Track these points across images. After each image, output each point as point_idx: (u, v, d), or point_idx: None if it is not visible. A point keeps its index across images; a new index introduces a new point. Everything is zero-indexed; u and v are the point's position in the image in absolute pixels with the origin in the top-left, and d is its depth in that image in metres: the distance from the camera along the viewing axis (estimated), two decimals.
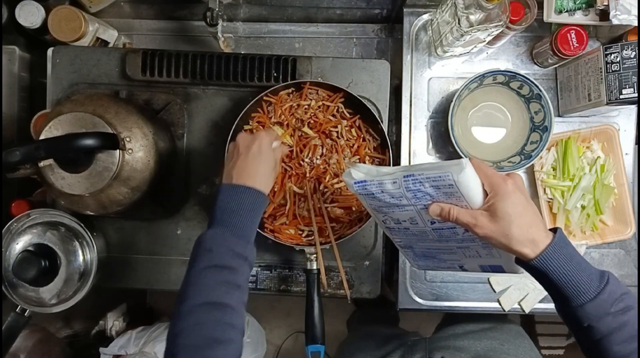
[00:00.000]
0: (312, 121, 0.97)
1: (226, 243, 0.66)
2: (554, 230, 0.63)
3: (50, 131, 0.82)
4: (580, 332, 0.62)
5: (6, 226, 0.93)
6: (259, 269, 1.03)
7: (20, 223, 0.94)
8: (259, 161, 0.75)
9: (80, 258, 0.94)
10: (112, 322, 1.47)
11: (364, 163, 0.97)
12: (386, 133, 0.95)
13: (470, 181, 0.62)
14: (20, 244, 0.92)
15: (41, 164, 0.83)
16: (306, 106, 0.97)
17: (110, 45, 1.14)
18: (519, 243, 0.60)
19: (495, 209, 0.61)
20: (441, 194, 0.65)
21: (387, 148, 0.94)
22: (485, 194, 0.63)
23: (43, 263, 0.90)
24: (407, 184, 0.67)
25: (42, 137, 0.82)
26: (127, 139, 0.85)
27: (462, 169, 0.61)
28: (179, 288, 0.64)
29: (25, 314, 0.93)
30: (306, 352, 0.88)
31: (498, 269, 0.73)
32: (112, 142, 0.83)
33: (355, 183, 0.72)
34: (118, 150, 0.84)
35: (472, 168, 0.63)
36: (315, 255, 0.93)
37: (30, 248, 0.91)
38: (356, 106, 0.97)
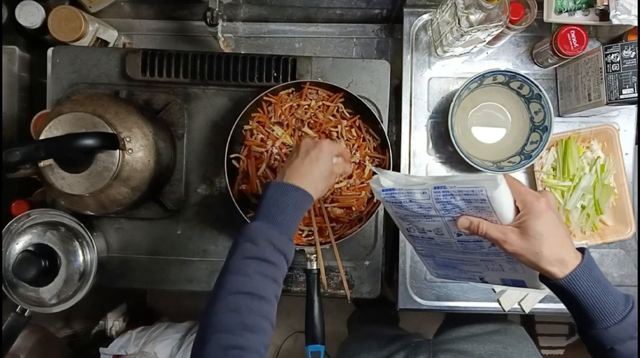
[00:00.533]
0: (312, 121, 0.97)
1: (269, 238, 0.68)
2: (581, 250, 0.63)
3: (50, 131, 0.82)
4: (600, 353, 0.62)
5: (6, 226, 0.93)
6: None
7: (20, 223, 0.94)
8: (313, 166, 0.76)
9: (80, 258, 0.94)
10: (112, 322, 1.47)
11: (364, 163, 0.97)
12: (386, 133, 0.95)
13: (503, 197, 0.62)
14: (20, 244, 0.92)
15: (41, 164, 0.83)
16: (306, 106, 0.97)
17: (110, 45, 1.14)
18: (548, 262, 0.61)
19: (527, 227, 0.61)
20: (472, 208, 0.65)
21: (387, 148, 0.94)
22: (517, 210, 0.63)
23: (43, 263, 0.90)
24: (437, 196, 0.66)
25: (42, 137, 0.82)
26: (127, 139, 0.85)
27: (497, 185, 0.61)
28: (220, 273, 0.66)
29: (25, 314, 0.93)
30: (306, 352, 0.88)
31: (520, 284, 0.72)
32: (112, 142, 0.83)
33: (383, 190, 0.72)
34: (118, 150, 0.84)
35: (506, 185, 0.62)
36: (315, 255, 0.93)
37: (30, 248, 0.91)
38: (356, 106, 0.97)
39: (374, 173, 0.76)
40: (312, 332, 0.89)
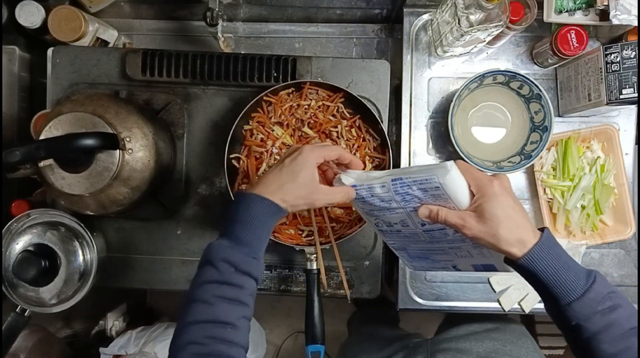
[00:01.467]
0: (312, 121, 0.97)
1: (230, 260, 0.63)
2: (542, 230, 0.64)
3: (50, 131, 0.82)
4: (569, 331, 0.62)
5: (6, 226, 0.93)
6: None
7: (20, 223, 0.94)
8: (284, 173, 0.69)
9: (80, 258, 0.94)
10: (112, 322, 1.47)
11: (364, 163, 0.97)
12: (386, 133, 0.95)
13: (456, 183, 0.64)
14: (20, 244, 0.92)
15: (41, 164, 0.83)
16: (306, 106, 0.97)
17: (110, 45, 1.14)
18: (507, 243, 0.62)
19: (483, 211, 0.62)
20: (429, 196, 0.66)
21: (387, 148, 0.94)
22: (473, 195, 0.64)
23: (43, 263, 0.90)
24: (396, 188, 0.68)
25: (42, 137, 0.82)
26: (127, 139, 0.85)
27: (447, 172, 0.63)
28: (182, 301, 0.63)
29: (25, 314, 0.93)
30: (306, 352, 0.88)
31: (491, 268, 0.73)
32: (112, 142, 0.83)
33: (347, 185, 0.73)
34: (118, 150, 0.84)
35: (458, 171, 0.64)
36: (315, 255, 0.93)
37: (30, 248, 0.91)
38: (356, 106, 0.97)
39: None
40: (312, 332, 0.89)
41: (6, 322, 0.92)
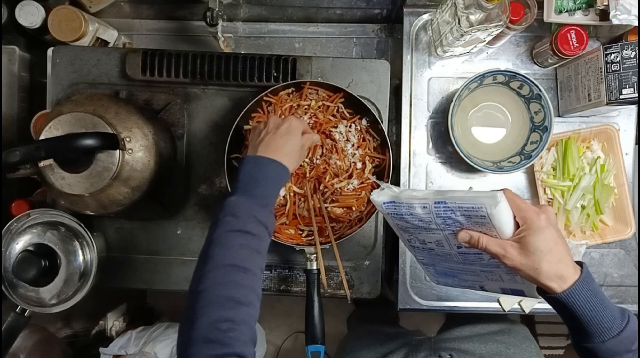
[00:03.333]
0: (312, 121, 0.97)
1: (250, 211, 0.68)
2: (580, 264, 0.64)
3: (50, 131, 0.82)
4: None
5: (6, 226, 0.93)
6: None
7: (20, 223, 0.94)
8: (285, 139, 0.77)
9: (80, 258, 0.94)
10: (112, 322, 1.48)
11: (364, 163, 0.97)
12: (386, 133, 0.95)
13: (503, 214, 0.63)
14: (20, 244, 0.92)
15: (41, 164, 0.83)
16: (306, 106, 0.97)
17: (110, 45, 1.14)
18: (547, 277, 0.61)
19: (527, 244, 0.62)
20: (472, 223, 0.65)
21: (387, 148, 0.94)
22: (517, 225, 0.64)
23: (43, 263, 0.90)
24: (438, 211, 0.67)
25: (42, 137, 0.82)
26: (127, 139, 0.85)
27: (497, 203, 0.62)
28: (202, 249, 0.66)
29: (25, 314, 0.93)
30: (306, 352, 0.88)
31: (519, 293, 0.73)
32: (112, 142, 0.83)
33: (384, 203, 0.72)
34: (118, 150, 0.84)
35: (506, 202, 0.63)
36: (315, 255, 0.93)
37: (30, 248, 0.91)
38: (356, 106, 0.97)
39: (376, 186, 0.76)
40: (312, 332, 0.89)
41: (6, 322, 0.92)
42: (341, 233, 0.95)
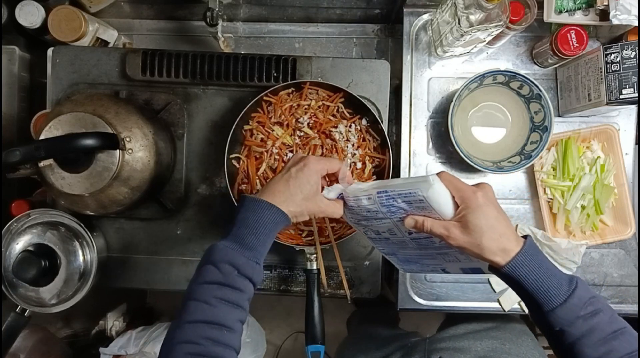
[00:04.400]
0: (312, 121, 0.97)
1: (234, 262, 0.64)
2: (525, 238, 0.65)
3: (50, 131, 0.82)
4: (553, 337, 0.63)
5: (6, 226, 0.93)
6: None
7: (20, 223, 0.94)
8: (291, 183, 0.70)
9: (80, 258, 0.94)
10: (112, 322, 1.47)
11: (364, 163, 0.97)
12: (386, 133, 0.95)
13: (439, 196, 0.65)
14: (20, 244, 0.92)
15: (41, 164, 0.83)
16: (306, 106, 0.97)
17: (110, 45, 1.14)
18: (491, 252, 0.63)
19: (467, 222, 0.64)
20: (414, 208, 0.68)
21: (387, 148, 0.94)
22: (457, 206, 0.66)
23: (43, 263, 0.90)
24: (381, 200, 0.69)
25: (42, 137, 0.82)
26: (127, 139, 0.85)
27: (429, 186, 0.64)
28: (182, 299, 0.63)
29: (25, 314, 0.93)
30: (306, 352, 0.88)
31: (478, 271, 0.75)
32: (112, 142, 0.83)
33: (335, 197, 0.75)
34: (118, 150, 0.84)
35: (441, 184, 0.65)
36: (315, 255, 0.93)
37: (30, 248, 0.91)
38: (356, 106, 0.97)
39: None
40: (312, 332, 0.89)
41: (6, 322, 0.92)
42: (341, 233, 0.95)
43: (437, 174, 0.66)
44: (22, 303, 0.92)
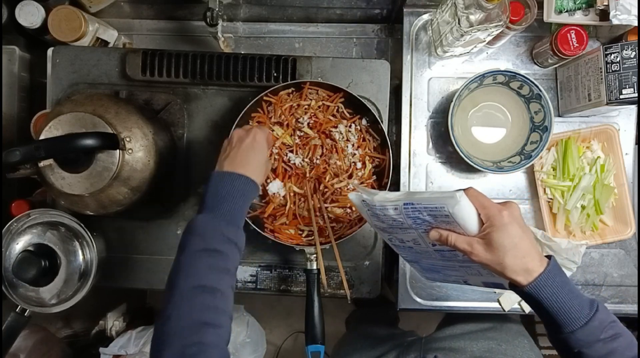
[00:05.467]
0: (312, 121, 0.97)
1: (217, 228, 0.67)
2: (549, 257, 0.65)
3: (50, 131, 0.82)
4: (570, 357, 0.63)
5: (6, 226, 0.93)
6: (259, 269, 1.03)
7: (20, 223, 0.93)
8: (251, 152, 0.76)
9: (80, 258, 0.94)
10: (112, 321, 1.47)
11: (364, 163, 0.97)
12: (386, 133, 0.95)
13: (464, 212, 0.65)
14: (20, 244, 0.92)
15: (41, 164, 0.83)
16: (306, 106, 0.97)
17: (110, 45, 1.14)
18: (513, 271, 0.63)
19: (491, 240, 0.63)
20: (439, 221, 0.68)
21: (387, 148, 0.94)
22: (482, 222, 0.65)
23: (43, 263, 0.90)
24: (407, 212, 0.69)
25: (42, 137, 0.82)
26: (127, 139, 0.85)
27: (456, 203, 0.64)
28: (170, 273, 0.65)
29: (25, 314, 0.93)
30: (306, 352, 0.88)
31: (499, 286, 0.74)
32: (112, 142, 0.83)
33: (363, 203, 0.75)
34: (118, 150, 0.84)
35: (467, 201, 0.65)
36: (315, 255, 0.93)
37: (30, 248, 0.91)
38: (356, 106, 0.97)
39: (376, 186, 0.77)
40: (312, 332, 0.89)
41: (6, 321, 0.92)
42: (341, 233, 0.95)
43: (464, 190, 0.66)
44: (22, 303, 0.92)
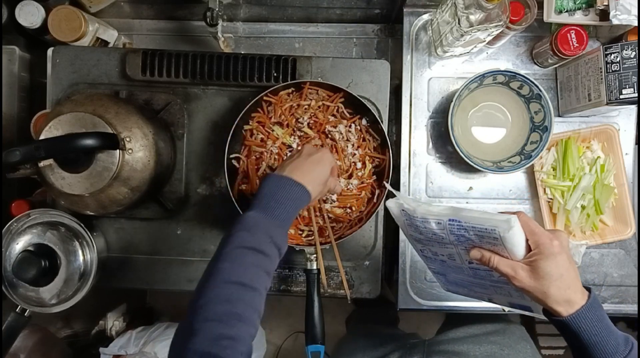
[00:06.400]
0: (312, 121, 0.97)
1: (267, 230, 0.67)
2: (588, 289, 0.65)
3: (50, 131, 0.82)
4: None
5: (6, 226, 0.93)
6: None
7: (20, 223, 0.93)
8: (315, 166, 0.77)
9: (80, 258, 0.94)
10: (112, 322, 1.47)
11: (364, 163, 0.97)
12: (386, 133, 0.95)
13: (516, 238, 0.63)
14: (20, 244, 0.92)
15: (41, 164, 0.82)
16: (306, 106, 0.97)
17: (110, 45, 1.14)
18: (555, 301, 0.62)
19: (538, 268, 0.63)
20: (484, 242, 0.66)
21: (387, 148, 0.94)
22: (528, 248, 0.65)
23: (43, 263, 0.90)
24: (452, 228, 0.68)
25: (42, 137, 0.82)
26: (127, 139, 0.85)
27: (510, 228, 0.62)
28: (210, 262, 0.65)
29: (25, 314, 0.92)
30: (306, 352, 0.88)
31: (527, 309, 0.74)
32: (112, 142, 0.83)
33: (402, 212, 0.73)
34: (118, 150, 0.84)
35: (519, 226, 0.63)
36: (315, 255, 0.93)
37: (30, 248, 0.91)
38: (356, 106, 0.96)
39: (391, 195, 0.76)
40: (312, 332, 0.89)
41: (6, 322, 0.92)
42: (341, 233, 0.95)
43: (516, 213, 0.65)
44: (22, 303, 0.92)
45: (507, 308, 1.01)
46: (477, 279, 0.75)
